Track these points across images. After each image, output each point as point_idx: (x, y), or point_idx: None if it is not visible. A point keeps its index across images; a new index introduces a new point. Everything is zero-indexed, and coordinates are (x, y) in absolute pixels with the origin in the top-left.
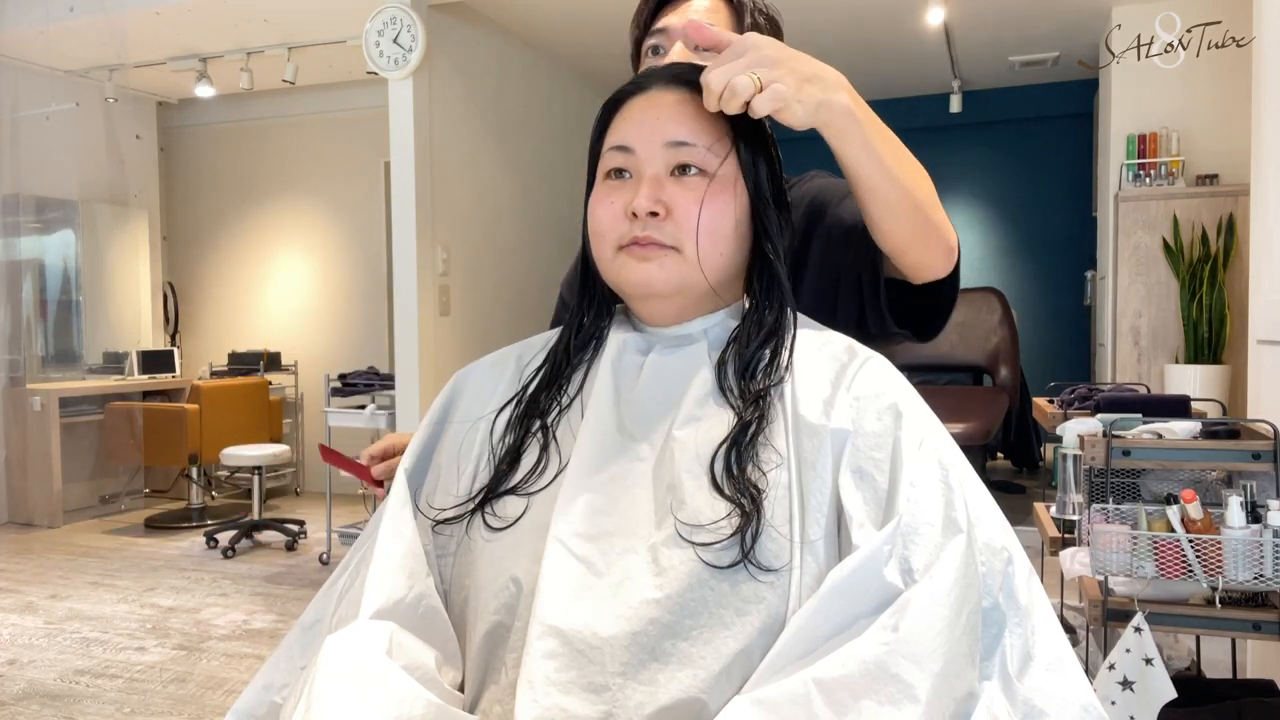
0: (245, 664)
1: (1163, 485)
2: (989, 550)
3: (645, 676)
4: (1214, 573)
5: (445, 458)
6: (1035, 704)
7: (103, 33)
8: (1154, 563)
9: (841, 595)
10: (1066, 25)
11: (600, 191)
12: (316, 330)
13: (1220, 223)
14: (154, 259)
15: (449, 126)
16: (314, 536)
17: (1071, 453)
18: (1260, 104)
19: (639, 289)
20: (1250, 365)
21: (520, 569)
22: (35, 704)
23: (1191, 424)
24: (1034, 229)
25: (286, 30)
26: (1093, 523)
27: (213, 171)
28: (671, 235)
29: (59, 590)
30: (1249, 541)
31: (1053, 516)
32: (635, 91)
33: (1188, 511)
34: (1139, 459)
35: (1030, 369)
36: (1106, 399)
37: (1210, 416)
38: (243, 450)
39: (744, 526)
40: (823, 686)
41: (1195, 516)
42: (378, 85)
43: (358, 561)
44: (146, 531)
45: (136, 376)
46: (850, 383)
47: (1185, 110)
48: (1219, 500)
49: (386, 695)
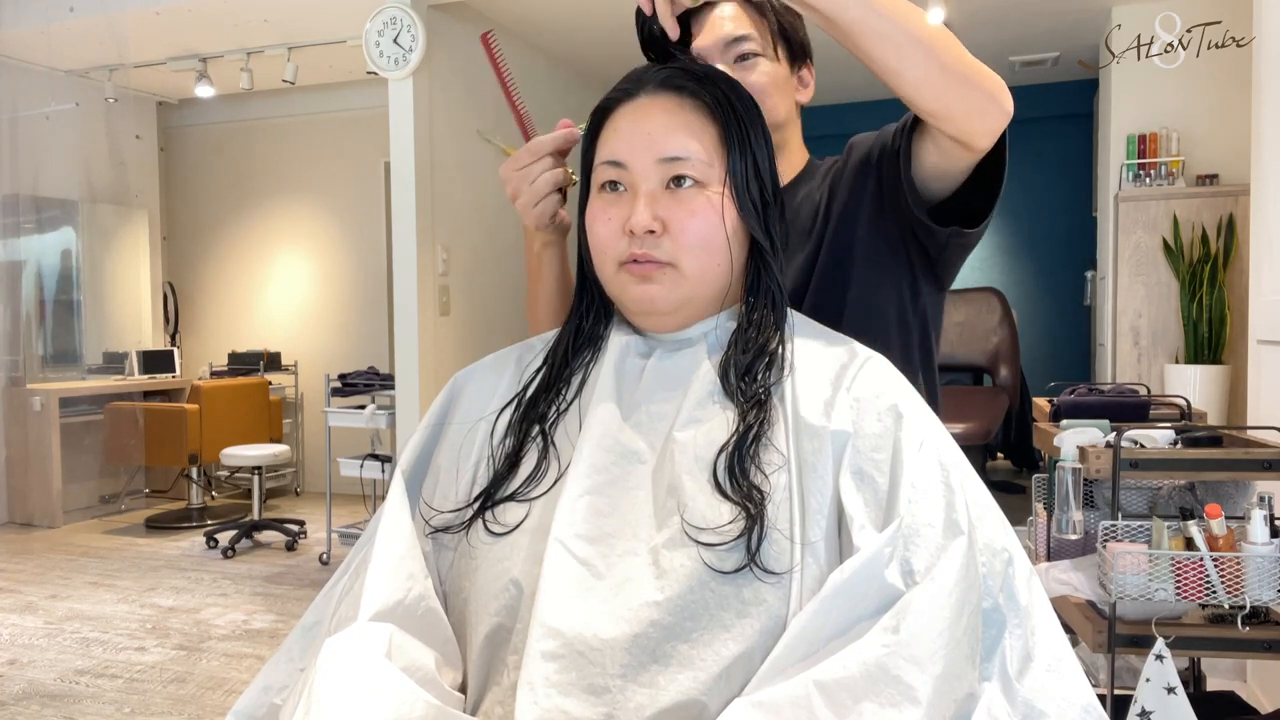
0: (245, 664)
1: (1130, 497)
2: (990, 551)
3: (645, 678)
4: (1235, 592)
5: (444, 460)
6: (1035, 705)
7: (103, 33)
8: (1174, 584)
9: (843, 597)
10: (1066, 25)
11: (596, 206)
12: (316, 330)
13: (1220, 223)
14: (154, 259)
15: (449, 126)
16: (314, 536)
17: (1070, 465)
18: (1260, 104)
19: (641, 307)
20: (1250, 365)
21: (521, 571)
22: (35, 704)
23: (1168, 432)
24: (1034, 229)
25: (286, 30)
26: (1103, 543)
27: (213, 171)
28: (669, 251)
29: (59, 590)
30: (1273, 558)
31: (1054, 536)
32: (624, 99)
33: (1210, 527)
34: (1145, 471)
35: (1030, 369)
36: (1068, 404)
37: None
38: (243, 450)
39: (749, 529)
40: (823, 688)
41: (1219, 533)
42: (378, 85)
43: (358, 563)
44: (146, 531)
45: (136, 376)
46: (850, 384)
47: (1185, 110)
48: (1193, 510)
49: (385, 697)
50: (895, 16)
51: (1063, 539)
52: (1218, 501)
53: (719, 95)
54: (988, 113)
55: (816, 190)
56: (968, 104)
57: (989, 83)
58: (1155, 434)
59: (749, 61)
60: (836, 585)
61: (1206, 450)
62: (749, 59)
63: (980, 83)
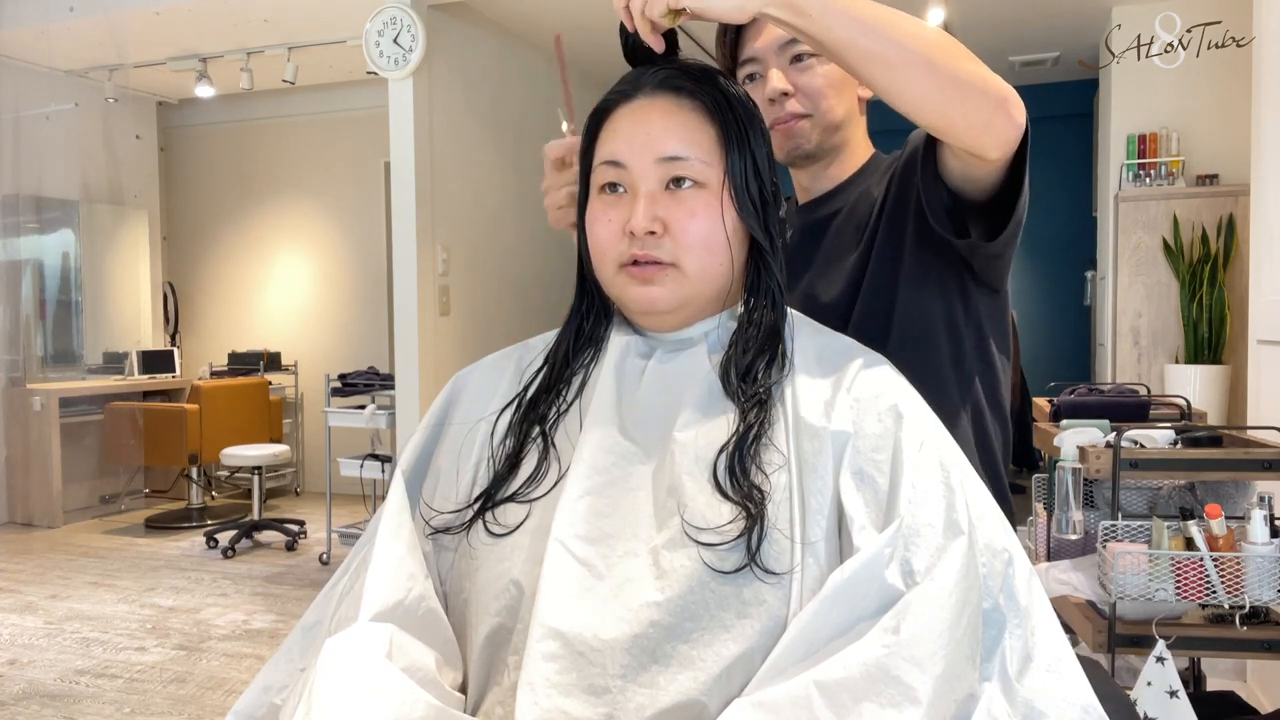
0: (245, 664)
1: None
2: (990, 551)
3: (646, 679)
4: (1235, 592)
5: (445, 460)
6: (1035, 705)
7: (103, 33)
8: (1174, 584)
9: (843, 597)
10: (1066, 25)
11: (596, 207)
12: (316, 330)
13: (1220, 223)
14: (154, 259)
15: (449, 126)
16: (314, 536)
17: (1070, 465)
18: (1260, 104)
19: (642, 307)
20: (1250, 365)
21: (521, 572)
22: (35, 704)
23: (1168, 432)
24: (1034, 229)
25: (286, 30)
26: (1103, 543)
27: (213, 171)
28: (670, 252)
29: (59, 590)
30: (1273, 558)
31: (1054, 536)
32: (622, 100)
33: (1210, 527)
34: (1145, 471)
35: (1030, 369)
36: (1068, 404)
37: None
38: (243, 450)
39: (749, 529)
40: (824, 689)
41: (1219, 533)
42: (378, 85)
43: (358, 563)
44: (146, 531)
45: (136, 376)
46: (851, 384)
47: (1185, 110)
48: (1193, 510)
49: (386, 698)
50: (888, 34)
51: (1063, 539)
52: (1218, 501)
53: (717, 96)
54: (992, 127)
55: (875, 187)
56: (971, 119)
57: (994, 94)
58: (1155, 434)
59: (804, 63)
60: (837, 585)
61: (1206, 450)
62: (804, 60)
63: (986, 95)
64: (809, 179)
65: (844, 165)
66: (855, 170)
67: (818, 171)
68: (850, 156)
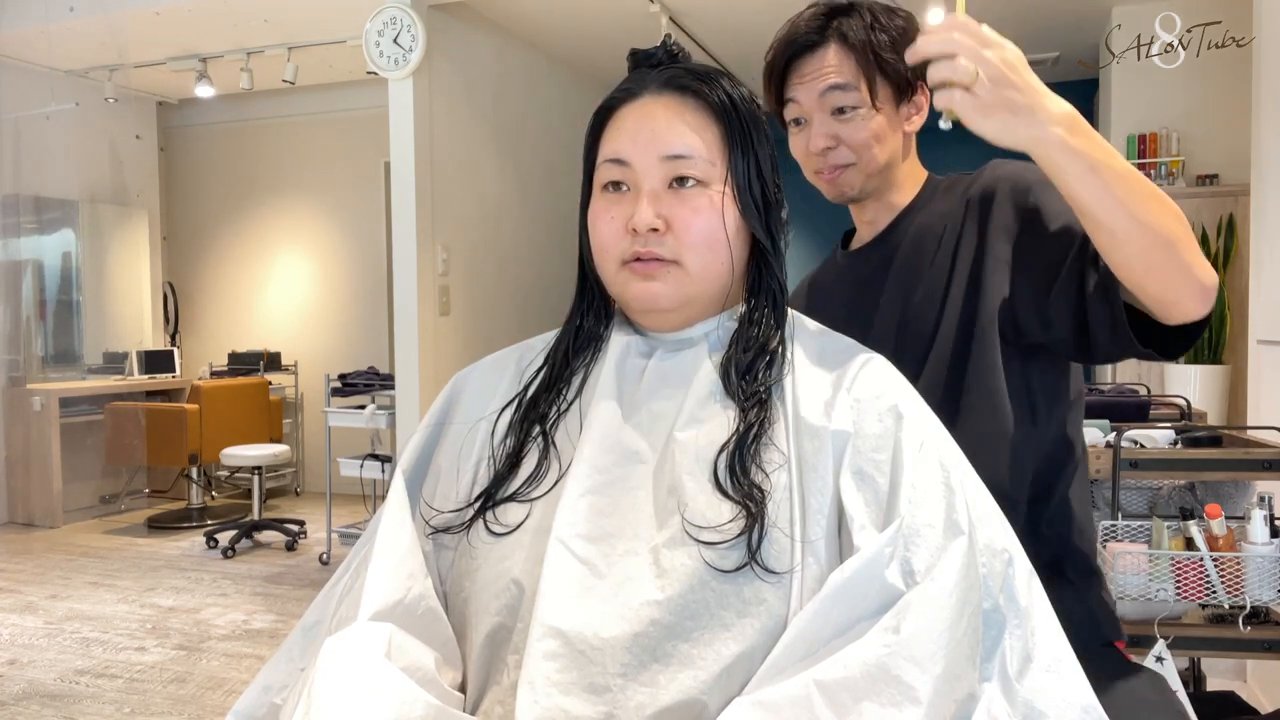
0: (245, 664)
1: (1130, 496)
2: (990, 551)
3: (646, 678)
4: (1235, 592)
5: (445, 460)
6: (1035, 706)
7: (103, 33)
8: (1174, 584)
9: (843, 597)
10: (1066, 25)
11: (599, 205)
12: (316, 330)
13: (1220, 223)
14: (154, 259)
15: (449, 126)
16: (314, 536)
17: None
18: (1260, 104)
19: (644, 304)
20: (1250, 365)
21: (521, 571)
22: (35, 704)
23: (1168, 432)
24: None
25: (286, 30)
26: (1103, 543)
27: (213, 171)
28: (672, 249)
29: (59, 590)
30: (1273, 558)
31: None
32: (627, 98)
33: (1210, 527)
34: (1145, 471)
35: None
36: None
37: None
38: (243, 450)
39: (749, 528)
40: (824, 688)
41: (1219, 533)
42: (378, 85)
43: (359, 563)
44: (147, 531)
45: (137, 376)
46: (851, 384)
47: (1185, 110)
48: (1193, 510)
49: (385, 697)
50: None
51: None
52: (1218, 501)
53: (721, 96)
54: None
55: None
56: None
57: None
58: (1155, 434)
59: (846, 115)
60: (837, 585)
61: (1206, 450)
62: (846, 113)
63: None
64: (870, 214)
65: (901, 193)
66: (911, 199)
67: (877, 208)
68: (900, 189)
